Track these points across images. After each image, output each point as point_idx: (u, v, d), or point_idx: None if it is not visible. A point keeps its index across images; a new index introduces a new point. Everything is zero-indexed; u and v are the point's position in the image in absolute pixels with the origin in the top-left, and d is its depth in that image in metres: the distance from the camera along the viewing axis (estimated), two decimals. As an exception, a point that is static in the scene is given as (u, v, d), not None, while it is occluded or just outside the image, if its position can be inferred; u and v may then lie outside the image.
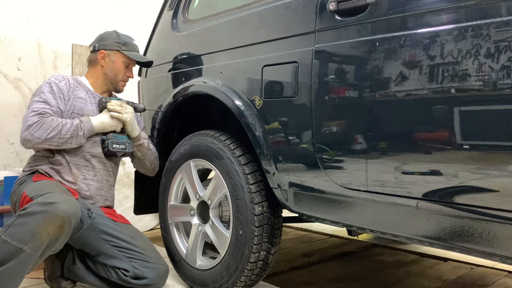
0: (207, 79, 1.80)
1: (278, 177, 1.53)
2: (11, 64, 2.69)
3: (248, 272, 1.63)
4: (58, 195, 1.54)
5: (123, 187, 3.09)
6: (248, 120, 1.59)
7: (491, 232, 1.06)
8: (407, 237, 1.24)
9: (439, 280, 2.08)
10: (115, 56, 1.93)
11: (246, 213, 1.60)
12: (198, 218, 1.85)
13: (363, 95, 1.25)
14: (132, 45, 1.99)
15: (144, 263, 1.74)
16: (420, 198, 1.17)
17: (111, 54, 1.92)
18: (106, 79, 1.95)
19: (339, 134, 1.34)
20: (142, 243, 1.81)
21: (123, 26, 3.22)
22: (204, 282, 1.78)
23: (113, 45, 1.93)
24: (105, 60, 1.93)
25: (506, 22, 0.98)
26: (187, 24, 2.04)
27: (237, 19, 1.72)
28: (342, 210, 1.38)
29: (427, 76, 1.11)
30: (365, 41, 1.24)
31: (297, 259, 2.42)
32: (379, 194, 1.26)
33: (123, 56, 1.94)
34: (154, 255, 1.79)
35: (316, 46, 1.37)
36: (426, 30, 1.11)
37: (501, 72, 0.99)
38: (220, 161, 1.70)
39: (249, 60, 1.61)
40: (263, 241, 1.61)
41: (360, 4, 1.25)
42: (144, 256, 1.75)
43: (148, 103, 2.23)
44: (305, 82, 1.40)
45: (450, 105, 1.08)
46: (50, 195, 1.52)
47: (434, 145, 1.12)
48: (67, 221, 1.49)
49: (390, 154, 1.22)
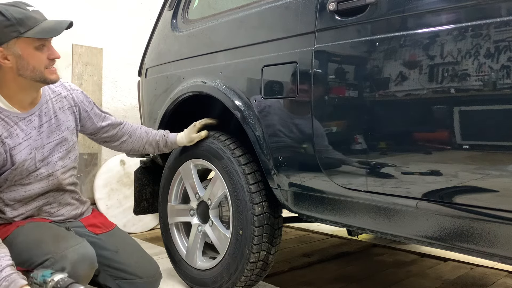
0: (207, 79, 1.80)
1: (278, 177, 1.53)
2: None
3: (248, 272, 1.63)
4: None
5: (123, 187, 3.09)
6: (248, 120, 1.59)
7: (491, 232, 1.06)
8: (407, 237, 1.24)
9: (439, 280, 2.08)
10: (18, 46, 1.35)
11: (246, 213, 1.60)
12: (198, 218, 1.85)
13: (363, 95, 1.25)
14: (32, 17, 1.36)
15: (129, 282, 1.61)
16: (420, 198, 1.17)
17: (11, 46, 1.35)
18: (25, 82, 1.41)
19: (339, 134, 1.34)
20: (127, 255, 1.64)
21: (124, 26, 3.23)
22: (204, 282, 1.78)
23: (7, 33, 1.33)
24: (9, 59, 1.36)
25: (506, 22, 0.98)
26: (187, 24, 2.04)
27: (237, 19, 1.72)
28: (342, 210, 1.38)
29: (427, 76, 1.11)
30: (365, 41, 1.24)
31: (297, 259, 2.42)
32: (379, 194, 1.26)
33: (28, 40, 1.35)
34: (140, 268, 1.64)
35: (316, 46, 1.37)
36: (426, 30, 1.11)
37: (501, 72, 0.98)
38: (220, 161, 1.70)
39: (249, 60, 1.61)
40: (263, 241, 1.61)
41: (360, 4, 1.25)
42: (129, 275, 1.61)
43: (148, 103, 2.23)
44: (305, 82, 1.40)
45: (450, 105, 1.08)
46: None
47: (434, 145, 1.12)
48: None
49: (390, 154, 1.22)
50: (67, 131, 1.60)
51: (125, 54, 3.25)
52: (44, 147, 1.52)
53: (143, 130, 1.84)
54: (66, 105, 1.62)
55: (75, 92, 1.67)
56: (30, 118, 1.48)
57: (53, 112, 1.56)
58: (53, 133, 1.56)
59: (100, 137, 1.77)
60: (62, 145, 1.59)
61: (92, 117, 1.71)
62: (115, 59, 3.22)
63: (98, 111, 1.74)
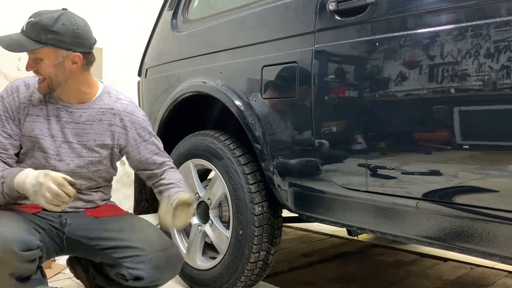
0: (207, 79, 1.80)
1: (278, 177, 1.53)
2: (11, 64, 2.69)
3: (248, 272, 1.63)
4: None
5: (123, 187, 3.09)
6: (248, 120, 1.59)
7: (491, 232, 1.06)
8: (407, 237, 1.24)
9: (439, 280, 2.08)
10: None
11: (246, 213, 1.60)
12: (198, 218, 1.85)
13: (363, 95, 1.25)
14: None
15: (136, 259, 1.40)
16: (420, 198, 1.17)
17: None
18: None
19: (339, 134, 1.34)
20: (132, 233, 1.46)
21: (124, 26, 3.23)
22: (204, 282, 1.78)
23: None
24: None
25: (506, 22, 0.98)
26: (187, 24, 2.04)
27: (237, 19, 1.72)
28: (342, 210, 1.38)
29: (426, 76, 1.11)
30: (365, 41, 1.24)
31: (297, 259, 2.42)
32: (379, 194, 1.26)
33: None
34: (147, 244, 1.43)
35: (316, 46, 1.37)
36: (426, 30, 1.11)
37: (501, 72, 0.99)
38: (220, 161, 1.70)
39: (249, 60, 1.61)
40: (263, 241, 1.61)
41: (360, 4, 1.25)
42: (135, 250, 1.41)
43: (148, 103, 2.23)
44: (305, 82, 1.40)
45: (450, 105, 1.08)
46: None
47: (433, 145, 1.12)
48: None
49: (390, 154, 1.22)
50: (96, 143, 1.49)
51: (125, 54, 3.25)
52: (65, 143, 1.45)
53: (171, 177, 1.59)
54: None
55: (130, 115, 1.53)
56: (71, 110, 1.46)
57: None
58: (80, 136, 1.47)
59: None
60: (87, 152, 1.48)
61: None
62: (115, 59, 3.22)
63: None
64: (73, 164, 1.46)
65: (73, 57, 1.36)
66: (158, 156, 1.58)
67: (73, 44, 1.35)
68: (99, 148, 1.49)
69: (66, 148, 1.46)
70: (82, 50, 1.38)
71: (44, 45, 1.32)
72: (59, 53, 1.35)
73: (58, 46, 1.34)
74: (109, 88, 1.57)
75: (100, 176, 1.54)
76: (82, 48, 1.38)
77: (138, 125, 1.55)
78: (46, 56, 1.35)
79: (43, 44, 1.32)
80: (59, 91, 1.43)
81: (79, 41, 1.36)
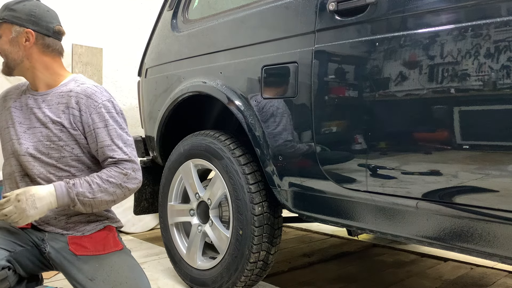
0: (207, 79, 1.80)
1: (278, 177, 1.53)
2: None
3: (248, 272, 1.63)
4: None
5: (123, 187, 3.09)
6: (248, 120, 1.59)
7: (491, 232, 1.06)
8: (407, 237, 1.24)
9: (439, 280, 2.08)
10: None
11: (246, 213, 1.60)
12: (198, 218, 1.85)
13: (363, 95, 1.25)
14: None
15: None
16: (420, 198, 1.17)
17: None
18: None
19: (339, 134, 1.34)
20: (101, 285, 1.33)
21: (124, 26, 3.23)
22: (204, 282, 1.78)
23: None
24: None
25: (506, 22, 0.98)
26: (187, 24, 2.04)
27: (237, 19, 1.72)
28: (342, 210, 1.38)
29: (426, 76, 1.11)
30: (365, 41, 1.24)
31: (297, 259, 2.42)
32: (379, 194, 1.26)
33: None
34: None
35: (316, 46, 1.37)
36: (426, 30, 1.11)
37: (501, 72, 0.99)
38: (220, 161, 1.70)
39: (249, 60, 1.61)
40: (263, 241, 1.61)
41: (360, 4, 1.25)
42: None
43: (148, 103, 2.23)
44: (305, 82, 1.40)
45: (450, 105, 1.08)
46: None
47: (434, 145, 1.13)
48: None
49: (389, 154, 1.22)
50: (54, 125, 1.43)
51: (125, 54, 3.25)
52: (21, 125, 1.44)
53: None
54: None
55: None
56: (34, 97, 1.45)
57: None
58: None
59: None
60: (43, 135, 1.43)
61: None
62: (115, 59, 3.22)
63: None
64: (32, 148, 1.39)
65: (26, 33, 1.38)
66: (107, 149, 1.38)
67: (27, 21, 1.38)
68: (57, 132, 1.40)
69: (29, 133, 1.42)
70: (36, 29, 1.39)
71: (1, 20, 1.38)
72: (13, 28, 1.38)
73: (12, 22, 1.37)
74: (80, 77, 1.49)
75: (67, 164, 1.41)
76: (37, 27, 1.39)
77: (94, 109, 1.39)
78: (3, 32, 1.39)
79: (1, 20, 1.38)
80: (29, 79, 1.46)
81: (33, 19, 1.39)
